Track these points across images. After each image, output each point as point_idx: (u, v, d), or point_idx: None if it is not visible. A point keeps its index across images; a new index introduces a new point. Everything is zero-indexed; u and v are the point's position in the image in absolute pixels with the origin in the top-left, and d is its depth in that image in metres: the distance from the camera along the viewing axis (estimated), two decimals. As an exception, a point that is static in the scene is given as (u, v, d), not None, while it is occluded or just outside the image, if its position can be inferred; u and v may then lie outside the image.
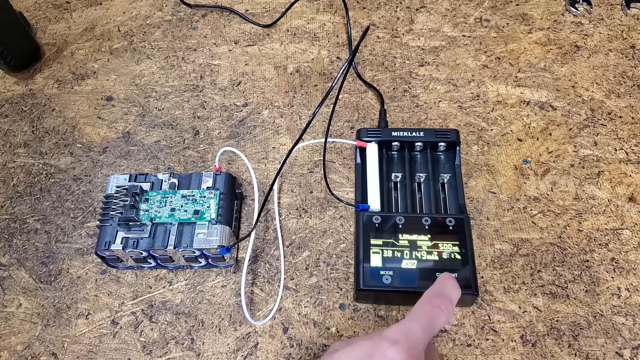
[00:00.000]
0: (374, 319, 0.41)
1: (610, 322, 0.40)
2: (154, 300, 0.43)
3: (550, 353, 0.39)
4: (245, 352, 0.40)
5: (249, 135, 0.51)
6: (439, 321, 0.28)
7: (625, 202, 0.46)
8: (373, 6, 0.61)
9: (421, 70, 0.55)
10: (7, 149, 0.52)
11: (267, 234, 0.46)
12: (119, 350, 0.41)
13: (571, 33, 0.57)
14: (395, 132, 0.47)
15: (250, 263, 0.44)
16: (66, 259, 0.45)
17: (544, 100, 0.52)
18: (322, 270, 0.44)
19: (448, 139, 0.47)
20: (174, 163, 0.50)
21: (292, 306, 0.42)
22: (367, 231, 0.41)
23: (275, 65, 0.56)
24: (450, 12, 0.60)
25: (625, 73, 0.54)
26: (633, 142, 0.49)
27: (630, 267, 0.43)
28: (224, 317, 0.42)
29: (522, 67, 0.55)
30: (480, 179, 0.48)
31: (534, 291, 0.42)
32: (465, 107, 0.52)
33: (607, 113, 0.51)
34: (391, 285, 0.39)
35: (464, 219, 0.42)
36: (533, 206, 0.46)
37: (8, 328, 0.42)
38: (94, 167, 0.50)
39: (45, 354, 0.41)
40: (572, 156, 0.49)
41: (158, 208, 0.42)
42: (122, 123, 0.53)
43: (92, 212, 0.48)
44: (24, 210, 0.48)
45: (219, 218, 0.41)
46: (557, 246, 0.44)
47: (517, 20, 0.59)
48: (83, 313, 0.43)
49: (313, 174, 0.49)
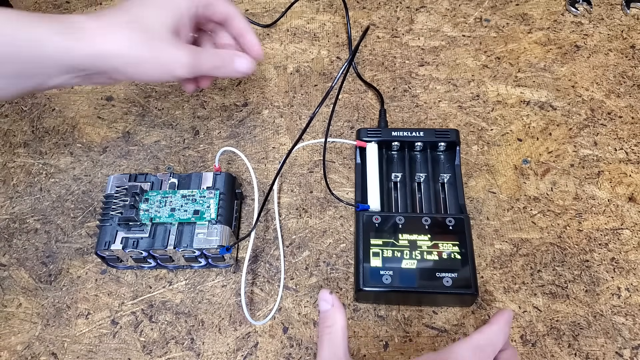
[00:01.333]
0: (374, 318, 0.41)
1: (610, 322, 0.40)
2: (154, 300, 0.43)
3: (550, 353, 0.39)
4: (245, 352, 0.40)
5: (249, 135, 0.51)
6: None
7: (625, 202, 0.46)
8: (373, 6, 0.61)
9: (421, 70, 0.55)
10: (7, 149, 0.52)
11: (267, 233, 0.46)
12: (119, 350, 0.41)
13: (571, 33, 0.57)
14: (395, 132, 0.47)
15: (250, 263, 0.44)
16: (66, 258, 0.45)
17: (544, 100, 0.52)
18: (322, 270, 0.44)
19: (448, 138, 0.47)
20: (174, 163, 0.50)
21: (292, 306, 0.42)
22: (367, 231, 0.41)
23: (275, 65, 0.56)
24: (450, 12, 0.60)
25: (625, 73, 0.54)
26: (633, 142, 0.49)
27: (630, 267, 0.43)
28: (224, 317, 0.42)
29: (522, 67, 0.55)
30: (480, 178, 0.48)
31: (534, 291, 0.42)
32: (465, 107, 0.52)
33: (607, 113, 0.51)
34: (391, 285, 0.39)
35: (464, 219, 0.42)
36: (533, 206, 0.46)
37: (8, 328, 0.42)
38: (94, 167, 0.50)
39: (45, 354, 0.41)
40: (572, 156, 0.49)
41: (158, 208, 0.42)
42: (122, 123, 0.53)
43: (92, 212, 0.48)
44: (24, 210, 0.48)
45: (219, 218, 0.41)
46: (557, 246, 0.44)
47: (517, 20, 0.59)
48: (83, 313, 0.43)
49: (313, 173, 0.49)
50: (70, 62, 0.33)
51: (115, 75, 0.35)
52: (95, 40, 0.33)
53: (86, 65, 0.33)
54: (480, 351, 0.29)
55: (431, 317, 0.41)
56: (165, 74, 0.36)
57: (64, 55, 0.32)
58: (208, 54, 0.38)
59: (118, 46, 0.33)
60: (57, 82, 0.34)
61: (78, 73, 0.34)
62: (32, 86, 0.34)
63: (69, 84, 0.35)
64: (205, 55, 0.38)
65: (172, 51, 0.35)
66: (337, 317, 0.32)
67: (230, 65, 0.39)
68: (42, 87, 0.34)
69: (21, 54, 0.32)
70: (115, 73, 0.35)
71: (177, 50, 0.36)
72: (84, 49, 0.33)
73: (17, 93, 0.34)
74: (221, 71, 0.39)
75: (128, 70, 0.34)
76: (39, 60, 0.32)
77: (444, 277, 0.39)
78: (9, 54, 0.32)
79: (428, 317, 0.41)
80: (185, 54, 0.36)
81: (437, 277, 0.39)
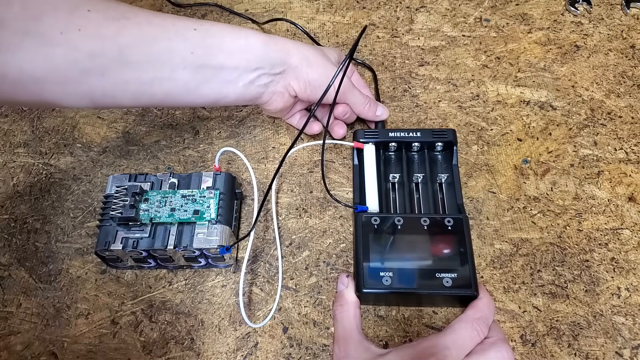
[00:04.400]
0: (373, 319, 0.41)
1: (610, 322, 0.40)
2: (153, 300, 0.43)
3: (550, 353, 0.39)
4: (245, 352, 0.40)
5: (249, 135, 0.51)
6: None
7: (625, 202, 0.46)
8: (373, 6, 0.61)
9: (421, 70, 0.55)
10: (7, 149, 0.52)
11: (267, 233, 0.46)
12: (119, 350, 0.41)
13: (571, 33, 0.57)
14: (393, 133, 0.47)
15: (250, 263, 0.44)
16: (66, 258, 0.45)
17: (544, 100, 0.52)
18: (322, 270, 0.44)
19: (445, 138, 0.47)
20: (174, 163, 0.50)
21: (292, 306, 0.42)
22: (366, 233, 0.41)
23: (275, 65, 0.56)
24: (450, 12, 0.60)
25: (625, 73, 0.54)
26: (633, 142, 0.49)
27: (630, 267, 0.43)
28: (224, 317, 0.42)
29: (522, 67, 0.55)
30: (480, 178, 0.48)
31: (533, 291, 0.42)
32: (465, 107, 0.52)
33: (607, 113, 0.51)
34: (391, 286, 0.39)
35: (463, 219, 0.42)
36: (533, 206, 0.46)
37: (8, 328, 0.42)
38: (93, 167, 0.50)
39: (45, 354, 0.41)
40: (572, 156, 0.49)
41: (158, 208, 0.42)
42: (122, 123, 0.53)
43: (92, 212, 0.48)
44: (24, 210, 0.48)
45: (218, 218, 0.41)
46: (557, 246, 0.44)
47: (517, 20, 0.59)
48: (83, 313, 0.43)
49: (313, 173, 0.49)
50: (265, 53, 0.41)
51: (289, 77, 0.43)
52: (284, 41, 0.43)
53: (276, 59, 0.42)
54: (477, 325, 0.33)
55: (431, 317, 0.41)
56: (326, 78, 0.42)
57: (262, 47, 0.41)
58: (358, 91, 0.47)
59: (299, 47, 0.44)
60: (249, 80, 0.42)
61: (268, 70, 0.42)
62: (229, 80, 0.41)
63: (254, 90, 0.43)
64: (356, 90, 0.47)
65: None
66: (350, 296, 0.37)
67: (373, 109, 0.48)
68: (236, 87, 0.42)
69: (228, 46, 0.40)
70: (293, 73, 0.43)
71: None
72: (278, 43, 0.42)
73: (216, 88, 0.41)
74: (361, 108, 0.48)
75: (303, 70, 0.43)
76: (243, 50, 0.41)
77: (443, 278, 0.39)
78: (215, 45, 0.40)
79: (428, 317, 0.41)
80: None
81: (436, 278, 0.39)
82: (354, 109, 0.48)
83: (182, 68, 0.39)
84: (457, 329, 0.33)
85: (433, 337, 0.32)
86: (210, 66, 0.40)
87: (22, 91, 0.34)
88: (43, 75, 0.34)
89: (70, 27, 0.33)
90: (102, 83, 0.36)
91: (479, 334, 0.33)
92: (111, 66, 0.36)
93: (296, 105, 0.49)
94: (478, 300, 0.36)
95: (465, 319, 0.33)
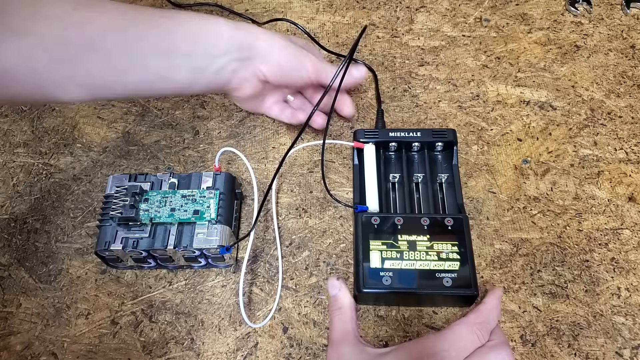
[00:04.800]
0: (373, 319, 0.41)
1: (610, 322, 0.40)
2: (153, 300, 0.43)
3: (550, 353, 0.39)
4: (245, 352, 0.40)
5: (249, 135, 0.51)
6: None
7: (625, 202, 0.46)
8: (373, 6, 0.61)
9: (421, 70, 0.55)
10: (7, 149, 0.52)
11: (267, 233, 0.46)
12: (119, 350, 0.41)
13: (571, 33, 0.57)
14: (393, 133, 0.47)
15: (250, 263, 0.44)
16: (66, 258, 0.45)
17: (544, 100, 0.52)
18: (322, 270, 0.44)
19: (445, 138, 0.47)
20: (174, 163, 0.50)
21: (292, 306, 0.42)
22: (366, 232, 0.41)
23: (275, 65, 0.56)
24: (450, 12, 0.60)
25: (625, 73, 0.54)
26: (633, 142, 0.49)
27: (630, 267, 0.43)
28: (224, 317, 0.42)
29: (522, 67, 0.55)
30: (480, 178, 0.48)
31: (533, 291, 0.42)
32: (465, 107, 0.52)
33: (607, 113, 0.51)
34: (391, 286, 0.39)
35: (463, 219, 0.42)
36: (533, 206, 0.46)
37: (8, 328, 0.42)
38: (93, 167, 0.50)
39: (45, 354, 0.41)
40: (572, 156, 0.49)
41: (158, 208, 0.42)
42: (122, 123, 0.53)
43: (92, 212, 0.48)
44: (24, 210, 0.48)
45: (218, 218, 0.41)
46: (557, 246, 0.44)
47: (517, 20, 0.59)
48: (83, 313, 0.43)
49: (313, 173, 0.49)
50: (233, 38, 0.42)
51: (258, 62, 0.43)
52: (252, 27, 0.44)
53: (244, 44, 0.42)
54: (478, 329, 0.33)
55: (431, 317, 0.41)
56: (296, 61, 0.44)
57: (230, 32, 0.42)
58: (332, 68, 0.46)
59: (267, 33, 0.44)
60: (219, 65, 0.41)
61: (237, 54, 0.42)
62: (199, 66, 0.41)
63: (224, 76, 0.42)
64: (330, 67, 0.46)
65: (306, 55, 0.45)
66: (345, 299, 0.37)
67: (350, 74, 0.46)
68: (207, 73, 0.42)
69: (197, 32, 0.41)
70: (262, 58, 0.43)
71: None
72: (246, 29, 0.43)
73: (187, 75, 0.41)
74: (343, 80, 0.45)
75: (273, 53, 0.43)
76: (211, 36, 0.41)
77: (443, 278, 0.39)
78: (190, 33, 0.41)
79: (428, 317, 0.41)
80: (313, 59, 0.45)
81: (437, 278, 0.39)
82: (330, 83, 0.43)
83: (153, 55, 0.39)
84: (457, 330, 0.33)
85: (432, 337, 0.32)
86: (180, 52, 0.40)
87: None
88: (12, 66, 0.34)
89: (37, 17, 0.34)
90: (73, 73, 0.36)
91: (479, 338, 0.32)
92: (81, 55, 0.36)
93: (268, 95, 0.48)
94: (482, 305, 0.36)
95: (466, 322, 0.33)
